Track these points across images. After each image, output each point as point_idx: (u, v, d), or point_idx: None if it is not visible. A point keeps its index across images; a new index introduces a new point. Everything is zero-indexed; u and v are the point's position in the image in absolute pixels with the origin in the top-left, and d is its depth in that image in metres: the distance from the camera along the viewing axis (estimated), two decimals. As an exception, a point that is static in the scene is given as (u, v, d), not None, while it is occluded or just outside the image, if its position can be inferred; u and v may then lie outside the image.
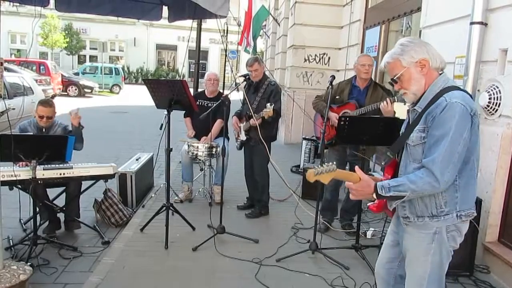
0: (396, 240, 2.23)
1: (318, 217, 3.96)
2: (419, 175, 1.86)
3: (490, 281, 3.46)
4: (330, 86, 3.95)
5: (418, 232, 2.01)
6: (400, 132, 2.18)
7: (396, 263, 2.26)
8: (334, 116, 4.12)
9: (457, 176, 1.90)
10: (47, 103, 4.29)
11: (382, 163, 2.08)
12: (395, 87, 2.05)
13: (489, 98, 3.60)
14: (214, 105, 4.66)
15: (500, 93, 3.54)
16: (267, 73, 4.86)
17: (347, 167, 4.43)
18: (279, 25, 12.52)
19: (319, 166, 1.91)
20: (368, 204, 2.18)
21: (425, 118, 1.90)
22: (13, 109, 6.68)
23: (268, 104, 4.26)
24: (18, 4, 4.09)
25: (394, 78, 2.01)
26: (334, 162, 1.95)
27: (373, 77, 6.89)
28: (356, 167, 1.99)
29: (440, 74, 2.00)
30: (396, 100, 3.85)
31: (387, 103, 3.70)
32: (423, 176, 1.84)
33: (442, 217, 1.94)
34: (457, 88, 1.94)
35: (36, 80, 12.88)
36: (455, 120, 1.80)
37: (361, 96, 4.20)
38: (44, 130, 4.19)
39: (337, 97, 4.29)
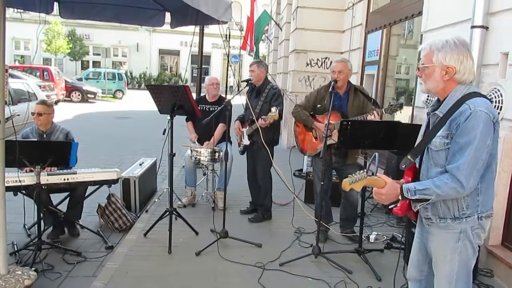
0: (422, 242, 2.26)
1: (320, 221, 3.95)
2: (444, 181, 1.90)
3: (493, 284, 3.45)
4: (332, 91, 3.93)
5: (443, 232, 2.06)
6: (420, 135, 2.22)
7: (426, 265, 2.28)
8: (322, 127, 4.05)
9: (479, 181, 1.94)
10: (41, 101, 4.44)
11: (403, 167, 2.08)
12: (416, 72, 2.10)
13: (491, 102, 3.60)
14: (217, 110, 4.68)
15: (501, 96, 3.54)
16: (269, 77, 4.88)
17: (333, 172, 4.43)
18: (281, 29, 12.56)
19: (353, 175, 2.01)
20: (391, 207, 2.22)
21: (449, 125, 1.93)
22: (18, 115, 6.73)
23: (273, 109, 4.28)
24: (22, 11, 4.12)
25: (420, 66, 2.05)
26: (365, 170, 2.05)
27: (378, 79, 6.95)
28: (378, 174, 2.05)
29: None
30: (384, 113, 3.83)
31: (374, 116, 3.71)
32: (448, 182, 1.89)
33: (464, 219, 1.99)
34: (478, 94, 1.96)
35: (40, 86, 12.95)
36: (480, 129, 1.84)
37: (343, 103, 4.07)
38: (45, 136, 4.22)
39: (318, 105, 4.17)
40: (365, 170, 2.06)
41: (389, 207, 2.21)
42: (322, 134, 4.03)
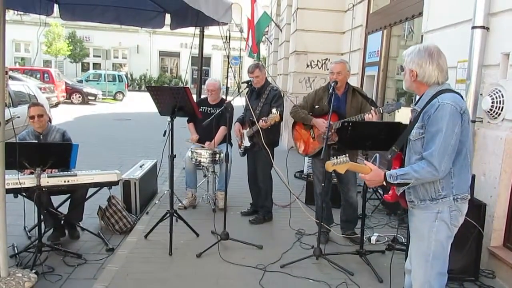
0: None
1: (321, 223, 3.94)
2: (421, 166, 2.17)
3: (495, 286, 3.44)
4: (332, 92, 3.91)
5: (422, 213, 2.30)
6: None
7: None
8: (320, 122, 4.03)
9: (451, 165, 2.19)
10: (33, 103, 4.46)
11: (389, 156, 2.36)
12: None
13: (492, 102, 3.60)
14: (217, 111, 4.67)
15: (502, 97, 3.54)
16: (269, 79, 4.87)
17: (333, 174, 4.41)
18: (281, 31, 12.58)
19: (336, 158, 2.34)
20: (384, 195, 2.54)
21: (423, 117, 2.21)
22: (18, 117, 6.73)
23: (274, 110, 4.26)
24: (22, 13, 4.14)
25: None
26: (347, 155, 2.39)
27: (379, 80, 6.95)
28: (365, 161, 2.35)
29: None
30: (382, 111, 3.81)
31: (372, 115, 3.70)
32: (424, 167, 2.15)
33: (441, 200, 2.23)
34: (450, 90, 2.23)
35: (40, 88, 12.96)
36: (447, 119, 2.10)
37: (341, 104, 4.06)
38: (42, 137, 4.21)
39: (316, 106, 4.16)
40: (346, 154, 2.36)
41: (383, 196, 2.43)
42: (322, 135, 4.01)
